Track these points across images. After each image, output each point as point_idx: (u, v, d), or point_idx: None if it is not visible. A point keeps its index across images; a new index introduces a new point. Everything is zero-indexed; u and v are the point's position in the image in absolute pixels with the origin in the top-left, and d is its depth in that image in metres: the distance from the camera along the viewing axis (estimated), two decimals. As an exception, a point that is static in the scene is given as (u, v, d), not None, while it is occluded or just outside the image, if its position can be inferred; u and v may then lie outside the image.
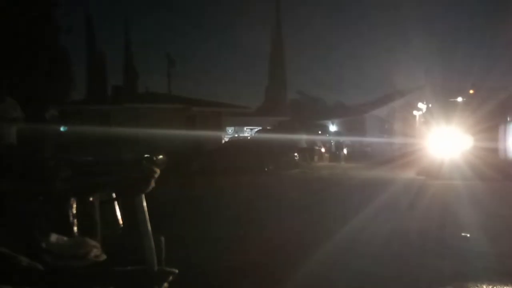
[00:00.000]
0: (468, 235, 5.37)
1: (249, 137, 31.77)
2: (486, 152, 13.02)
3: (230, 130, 36.60)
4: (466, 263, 4.33)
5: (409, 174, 16.24)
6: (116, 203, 2.66)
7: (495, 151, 13.16)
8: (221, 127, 27.05)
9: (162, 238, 2.57)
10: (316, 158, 23.91)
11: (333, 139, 26.71)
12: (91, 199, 2.52)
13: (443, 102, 15.03)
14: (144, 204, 2.42)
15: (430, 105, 15.54)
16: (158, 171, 2.42)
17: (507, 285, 3.65)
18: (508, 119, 14.27)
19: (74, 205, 2.49)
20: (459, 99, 14.76)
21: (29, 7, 19.39)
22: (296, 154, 18.14)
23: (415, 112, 18.74)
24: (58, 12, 21.72)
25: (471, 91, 14.51)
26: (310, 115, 41.54)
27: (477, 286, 3.63)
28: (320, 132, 28.06)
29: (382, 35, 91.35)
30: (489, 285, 3.63)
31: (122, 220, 2.67)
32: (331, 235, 5.52)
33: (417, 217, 6.78)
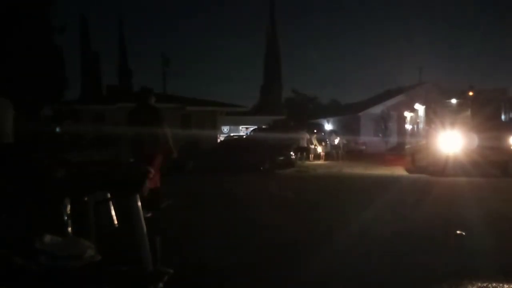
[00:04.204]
0: (464, 233, 5.38)
1: (244, 136, 31.77)
2: (487, 150, 13.14)
3: (225, 129, 36.58)
4: (461, 261, 4.34)
5: (405, 172, 16.30)
6: (110, 203, 2.65)
7: (497, 149, 13.28)
8: (216, 126, 27.03)
9: (158, 238, 2.56)
10: (311, 156, 23.97)
11: (328, 138, 26.74)
12: (85, 199, 2.52)
13: (444, 102, 15.11)
14: (139, 204, 2.41)
15: (430, 105, 15.61)
16: (152, 171, 2.41)
17: (502, 283, 3.67)
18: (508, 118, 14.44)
19: (69, 205, 2.48)
20: (459, 99, 14.85)
21: (23, 6, 19.29)
22: (291, 153, 18.15)
23: (411, 112, 18.79)
24: (52, 11, 21.66)
25: (471, 93, 14.61)
26: (306, 114, 41.61)
27: (472, 284, 3.64)
28: (315, 130, 28.09)
29: (378, 34, 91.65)
30: (484, 282, 3.64)
31: (117, 220, 2.66)
32: (329, 235, 5.52)
33: (414, 215, 6.79)
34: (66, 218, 2.45)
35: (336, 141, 24.98)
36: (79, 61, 44.37)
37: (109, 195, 2.62)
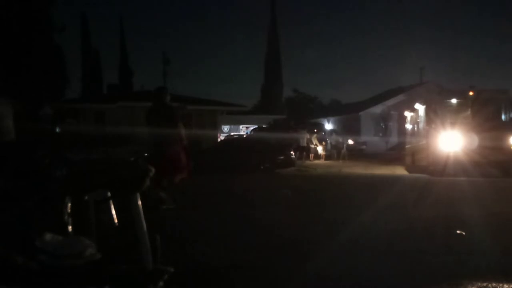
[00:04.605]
0: (464, 233, 5.38)
1: (244, 136, 31.77)
2: (488, 150, 13.16)
3: (225, 128, 36.58)
4: (461, 261, 4.34)
5: (405, 172, 16.29)
6: (111, 202, 2.65)
7: (497, 149, 13.29)
8: (216, 125, 27.02)
9: (158, 237, 2.56)
10: (312, 156, 23.98)
11: (329, 137, 26.75)
12: (86, 198, 2.52)
13: (444, 102, 15.11)
14: (139, 202, 2.41)
15: (431, 105, 15.61)
16: (153, 169, 2.41)
17: (502, 283, 3.67)
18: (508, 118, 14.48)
19: (69, 204, 2.48)
20: (460, 99, 14.86)
21: (24, 5, 19.30)
22: (292, 152, 18.14)
23: (411, 112, 18.80)
24: (53, 10, 21.68)
25: (471, 93, 14.62)
26: (306, 113, 41.60)
27: (472, 284, 3.64)
28: (315, 130, 28.10)
29: (379, 34, 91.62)
30: (484, 282, 3.65)
31: (117, 219, 2.66)
32: (329, 234, 5.52)
33: (414, 215, 6.79)
34: (66, 216, 2.46)
35: (339, 140, 24.98)
36: (80, 60, 44.40)
37: (109, 194, 2.62)
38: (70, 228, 2.47)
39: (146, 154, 15.60)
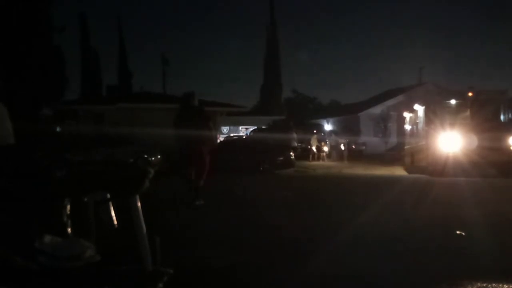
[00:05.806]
0: (463, 233, 5.38)
1: (244, 137, 31.76)
2: (487, 150, 13.17)
3: (225, 129, 36.59)
4: (461, 261, 4.34)
5: (405, 172, 16.30)
6: (110, 203, 2.65)
7: (496, 149, 13.30)
8: (216, 126, 26.98)
9: (158, 238, 2.56)
10: (311, 157, 23.98)
11: (328, 138, 26.75)
12: (85, 199, 2.51)
13: (443, 102, 15.12)
14: (139, 204, 2.41)
15: (430, 105, 15.62)
16: (152, 171, 2.41)
17: (502, 283, 3.67)
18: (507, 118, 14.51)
19: (69, 205, 2.48)
20: (459, 100, 14.87)
21: (24, 5, 19.30)
22: (291, 153, 18.15)
23: (411, 113, 18.82)
24: (53, 10, 21.69)
25: (470, 94, 14.63)
26: (305, 114, 41.63)
27: (472, 284, 3.64)
28: (315, 131, 28.09)
29: (379, 34, 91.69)
30: (484, 283, 3.64)
31: (117, 220, 2.66)
32: (329, 235, 5.52)
33: (413, 216, 6.79)
34: (66, 218, 2.45)
35: (338, 141, 24.96)
36: (79, 61, 44.34)
37: (108, 195, 2.62)
38: (69, 229, 2.47)
39: (146, 156, 15.55)
